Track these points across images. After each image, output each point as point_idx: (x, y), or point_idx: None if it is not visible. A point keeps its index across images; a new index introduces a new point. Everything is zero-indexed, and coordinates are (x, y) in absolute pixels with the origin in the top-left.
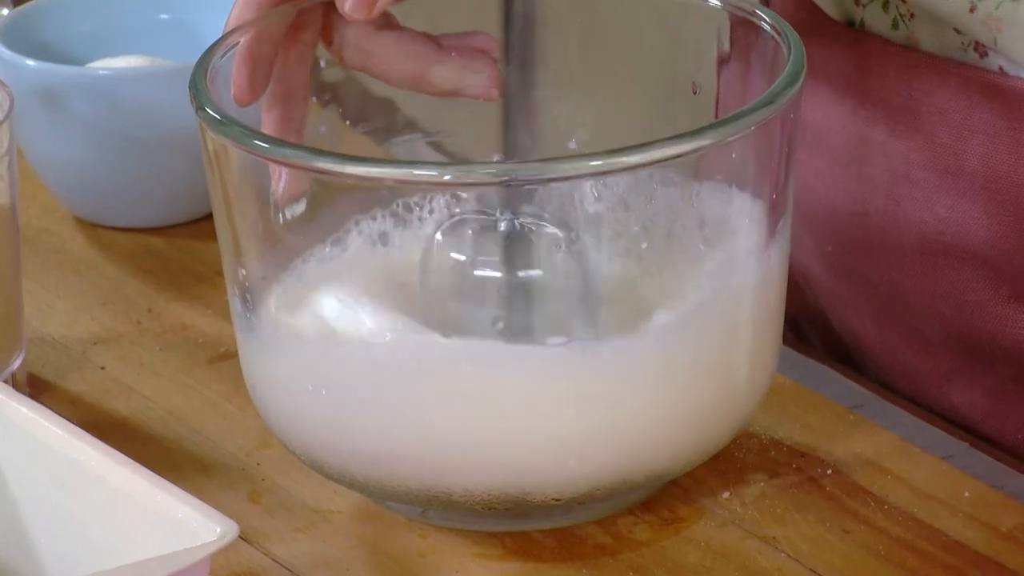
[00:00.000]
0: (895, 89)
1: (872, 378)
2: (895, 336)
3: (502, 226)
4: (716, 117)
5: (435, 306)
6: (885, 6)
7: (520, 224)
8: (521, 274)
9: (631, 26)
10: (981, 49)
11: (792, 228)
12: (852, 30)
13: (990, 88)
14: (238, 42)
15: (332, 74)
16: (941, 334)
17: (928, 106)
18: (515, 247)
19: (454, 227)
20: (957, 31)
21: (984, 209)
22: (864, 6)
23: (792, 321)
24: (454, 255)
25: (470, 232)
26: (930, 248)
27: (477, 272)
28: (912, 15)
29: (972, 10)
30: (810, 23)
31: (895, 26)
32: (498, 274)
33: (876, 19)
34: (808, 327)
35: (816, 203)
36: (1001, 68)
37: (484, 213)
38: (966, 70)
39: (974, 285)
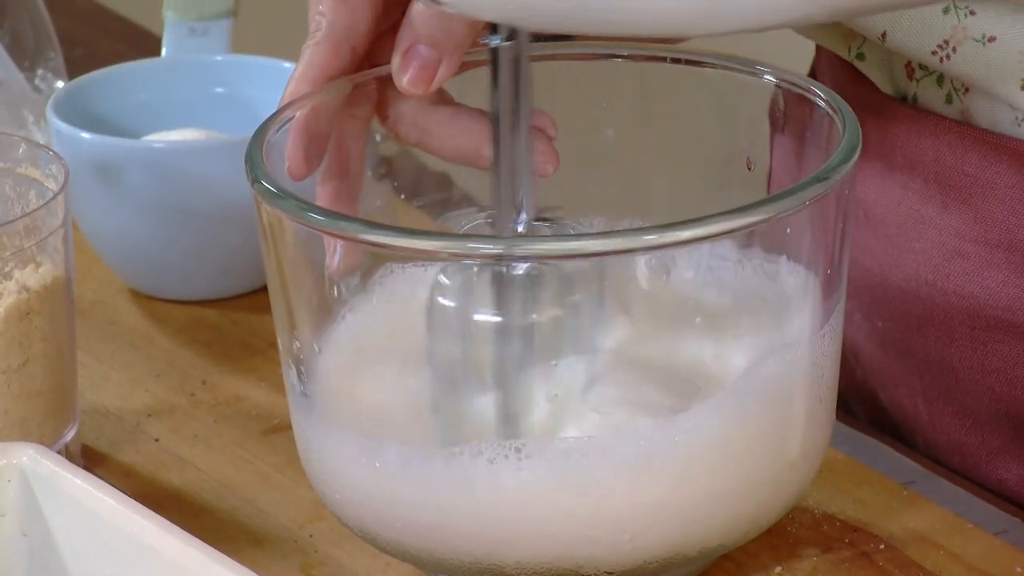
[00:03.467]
0: (947, 163)
1: (920, 454)
2: (944, 411)
3: (553, 304)
4: (768, 192)
5: (489, 380)
6: (939, 80)
7: (572, 303)
8: (572, 350)
9: (685, 101)
10: None
11: None
12: (904, 104)
13: None
14: (293, 116)
15: (387, 148)
16: (990, 409)
17: (980, 181)
18: (569, 323)
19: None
20: (1011, 106)
21: None
22: (918, 80)
23: (840, 397)
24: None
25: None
26: (980, 323)
27: (530, 347)
28: (967, 89)
29: None
30: (860, 97)
31: (949, 100)
32: (551, 349)
33: (929, 93)
34: (856, 403)
35: (866, 278)
36: None
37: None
38: (1020, 145)
39: None
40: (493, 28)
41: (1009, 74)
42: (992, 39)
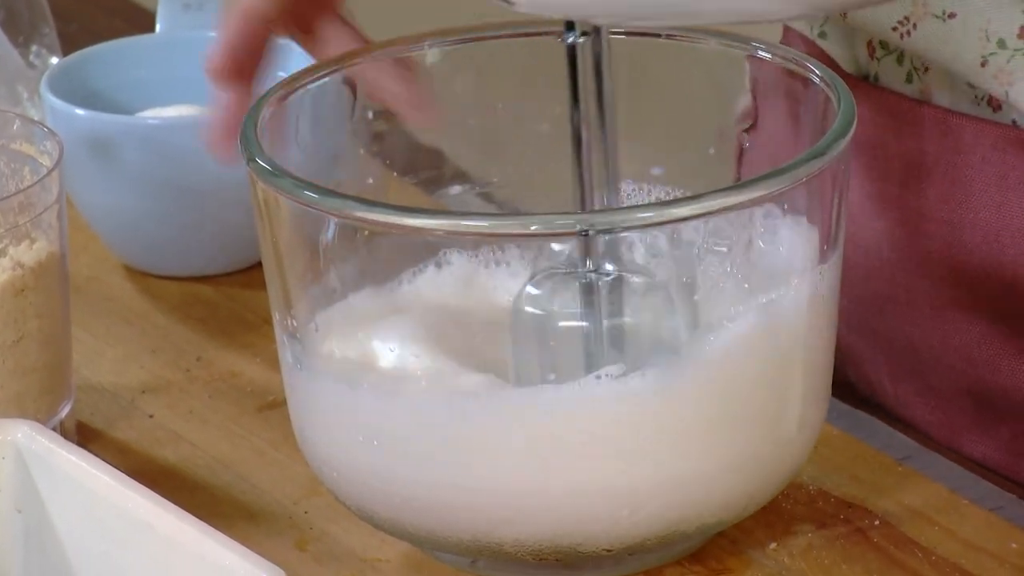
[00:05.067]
0: (908, 143)
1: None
2: (909, 390)
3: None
4: (738, 168)
5: (486, 356)
6: (900, 59)
7: (562, 271)
8: (567, 323)
9: (679, 77)
10: (995, 103)
11: None
12: (866, 83)
13: (1003, 141)
14: (286, 96)
15: (379, 125)
16: (954, 388)
17: (941, 160)
18: (564, 294)
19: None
20: (970, 85)
21: (996, 262)
22: (879, 59)
23: None
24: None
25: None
26: (942, 301)
27: (525, 319)
28: (927, 68)
29: (983, 64)
30: None
31: (909, 79)
32: (547, 320)
33: (890, 72)
34: None
35: None
36: (1014, 121)
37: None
38: (980, 123)
39: (985, 339)
40: (569, 25)
41: (969, 51)
42: (952, 15)
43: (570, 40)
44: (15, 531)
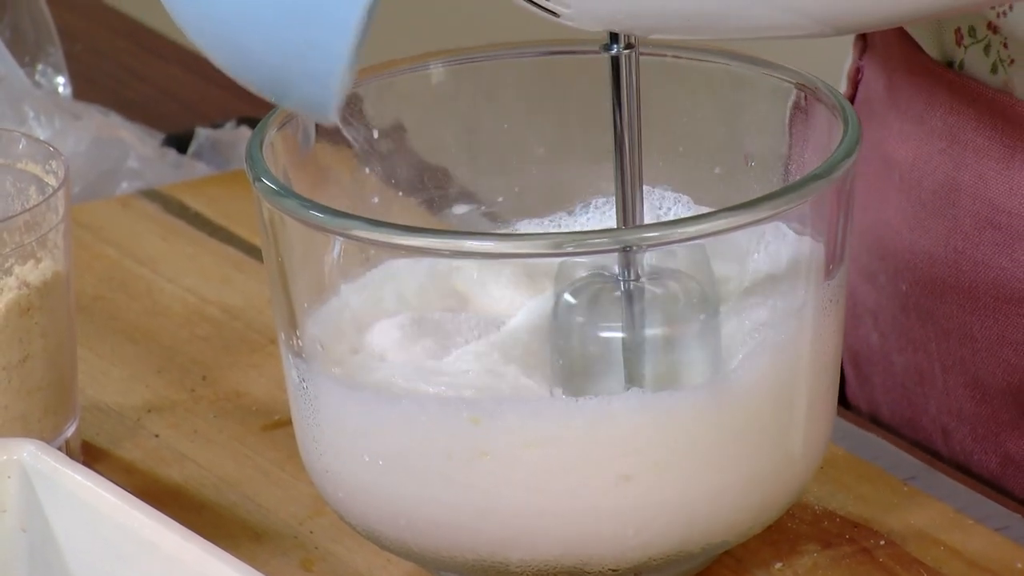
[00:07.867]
0: (987, 133)
1: (931, 421)
2: (958, 380)
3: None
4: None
5: (491, 376)
6: (987, 49)
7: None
8: (572, 341)
9: (684, 96)
10: None
11: (867, 265)
12: (950, 71)
13: None
14: (293, 115)
15: (384, 144)
16: (1004, 382)
17: (1019, 152)
18: (568, 314)
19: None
20: None
21: None
22: (966, 47)
23: (854, 359)
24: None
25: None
26: (1005, 294)
27: (527, 338)
28: (1012, 61)
29: None
30: (908, 59)
31: (994, 70)
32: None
33: (976, 61)
34: (870, 367)
35: (896, 240)
36: None
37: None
38: None
39: None
40: (613, 37)
41: None
42: None
43: (614, 52)
44: (20, 551)
